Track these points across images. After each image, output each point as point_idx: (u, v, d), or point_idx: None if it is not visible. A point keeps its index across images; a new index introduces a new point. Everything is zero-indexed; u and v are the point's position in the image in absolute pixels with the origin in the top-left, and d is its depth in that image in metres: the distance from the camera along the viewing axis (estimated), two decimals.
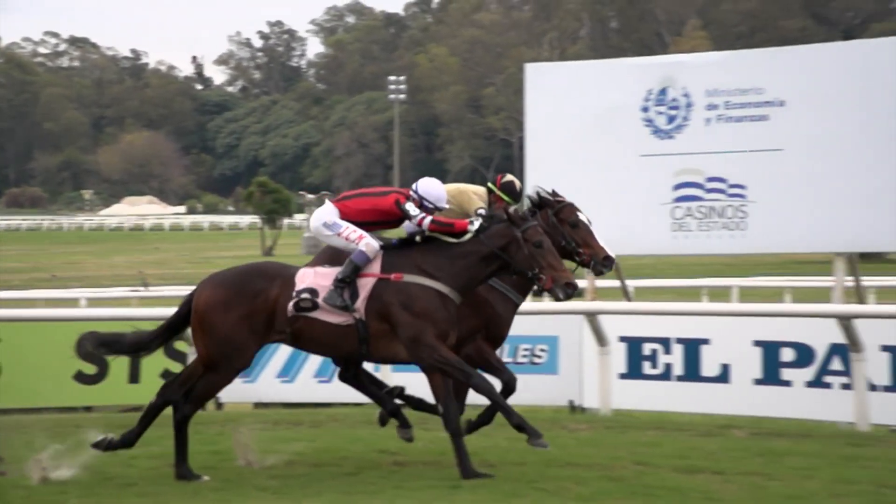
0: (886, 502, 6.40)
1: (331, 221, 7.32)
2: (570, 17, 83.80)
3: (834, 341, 9.37)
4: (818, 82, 10.64)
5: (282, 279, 7.14)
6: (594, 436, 8.64)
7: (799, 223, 10.66)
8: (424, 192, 7.37)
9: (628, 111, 11.27)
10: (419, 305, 6.99)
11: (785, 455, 7.70)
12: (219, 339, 7.04)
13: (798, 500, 6.40)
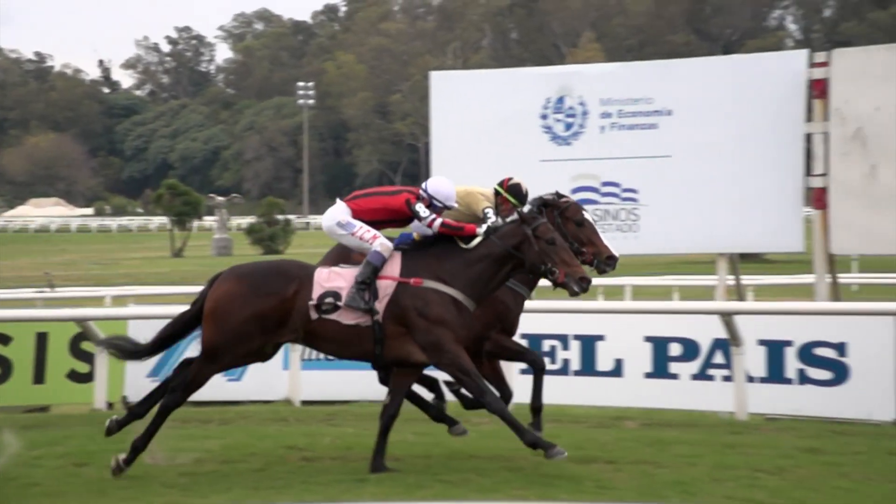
0: (761, 486, 6.55)
1: (344, 221, 7.18)
2: (473, 28, 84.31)
3: (717, 336, 9.60)
4: (702, 93, 10.85)
5: (300, 280, 6.95)
6: (496, 429, 8.64)
7: (685, 225, 10.84)
8: (434, 191, 7.27)
9: (528, 118, 11.37)
10: (435, 312, 6.87)
11: (672, 444, 7.84)
12: (228, 331, 6.88)
13: (683, 485, 6.53)
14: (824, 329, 9.46)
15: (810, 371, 9.45)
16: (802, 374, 9.47)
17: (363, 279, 6.88)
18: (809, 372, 9.45)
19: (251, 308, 6.84)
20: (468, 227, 7.12)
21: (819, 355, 9.44)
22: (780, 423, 8.91)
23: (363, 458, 7.12)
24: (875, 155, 10.16)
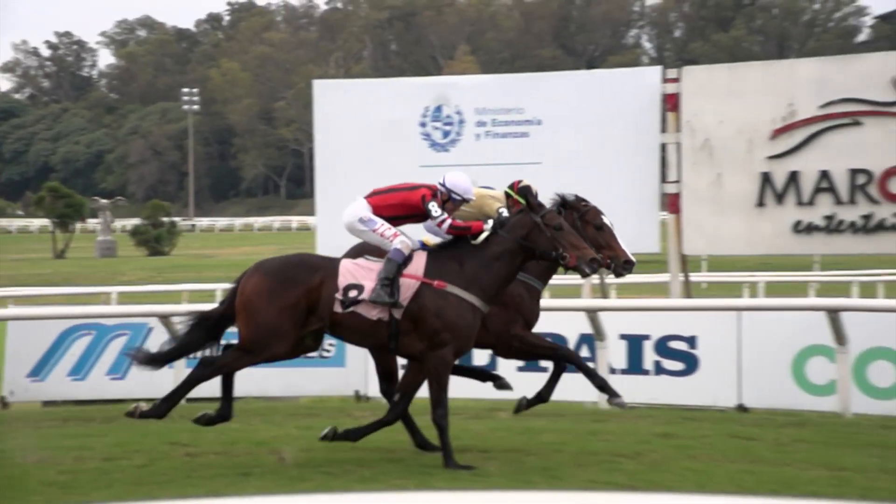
0: (621, 469, 6.72)
1: (366, 217, 7.07)
2: (354, 39, 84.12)
3: (583, 332, 9.80)
4: (568, 104, 11.06)
5: (325, 270, 6.90)
6: None
7: None
8: (452, 185, 7.18)
9: (408, 126, 11.44)
10: (450, 317, 6.82)
11: (540, 432, 7.98)
12: (260, 324, 6.80)
13: (549, 471, 6.67)
14: (678, 324, 9.75)
15: (665, 362, 9.75)
16: (658, 365, 9.77)
17: (386, 275, 6.80)
18: (664, 363, 9.75)
19: (280, 300, 6.77)
20: (475, 226, 7.05)
21: (673, 348, 9.76)
22: (639, 411, 9.15)
23: (247, 453, 7.07)
24: (720, 164, 10.54)
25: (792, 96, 10.27)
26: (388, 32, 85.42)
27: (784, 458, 6.98)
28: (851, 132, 10.04)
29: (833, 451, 7.13)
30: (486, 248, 6.95)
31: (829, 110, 10.13)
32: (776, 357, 9.42)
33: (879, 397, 9.01)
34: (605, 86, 11.26)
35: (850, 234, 10.07)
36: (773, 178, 10.33)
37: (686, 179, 10.68)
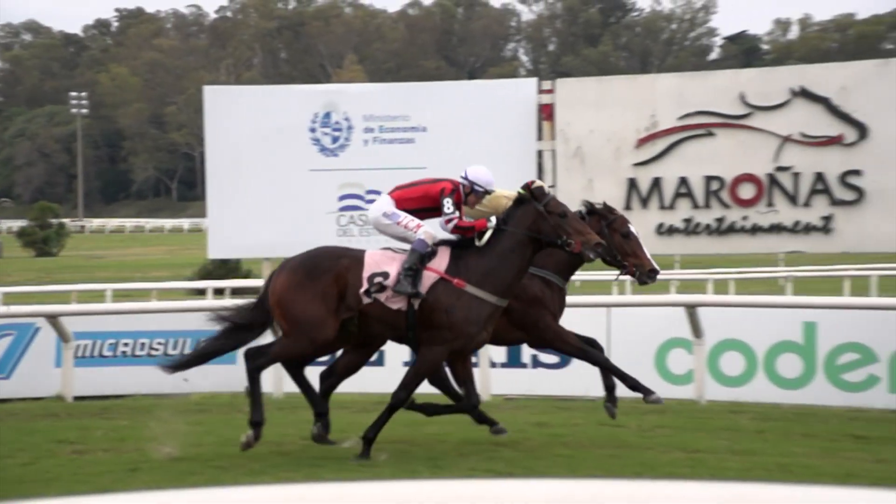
0: (499, 457, 6.78)
1: (390, 211, 6.90)
2: (244, 47, 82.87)
3: None
4: (451, 112, 11.19)
5: (348, 258, 6.75)
6: (266, 417, 8.62)
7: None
8: (474, 177, 7.03)
9: (298, 131, 11.36)
10: (458, 317, 6.64)
11: (425, 424, 7.93)
12: (296, 316, 6.69)
13: (433, 460, 6.69)
14: None
15: (541, 356, 9.91)
16: (535, 359, 9.93)
17: (410, 265, 6.64)
18: (541, 357, 9.91)
19: (311, 289, 6.66)
20: (478, 223, 6.87)
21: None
22: (517, 402, 9.27)
23: (136, 450, 6.89)
24: (591, 170, 10.80)
25: (654, 108, 10.57)
26: (277, 41, 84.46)
27: (646, 442, 7.16)
28: (706, 142, 10.39)
29: (689, 435, 7.34)
30: (498, 244, 6.76)
31: (686, 122, 10.47)
32: (641, 349, 9.67)
33: (730, 385, 9.37)
34: (485, 95, 11.41)
35: (706, 236, 10.41)
36: (639, 184, 10.62)
37: (561, 184, 10.90)
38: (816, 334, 9.24)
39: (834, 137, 9.97)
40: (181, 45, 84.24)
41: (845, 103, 9.93)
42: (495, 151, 10.97)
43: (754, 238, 10.30)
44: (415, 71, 71.59)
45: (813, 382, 9.21)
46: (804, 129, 10.07)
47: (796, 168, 10.08)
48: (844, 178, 9.95)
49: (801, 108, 10.10)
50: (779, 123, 10.15)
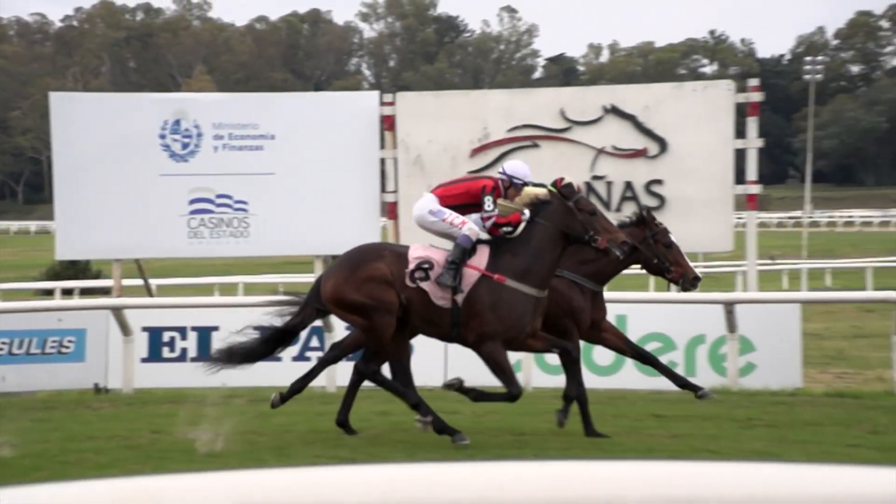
0: (344, 445, 6.73)
1: (435, 209, 6.69)
2: (91, 55, 79.36)
3: (314, 324, 9.83)
4: (298, 122, 11.01)
5: (389, 250, 6.63)
6: (116, 412, 8.29)
7: (289, 231, 10.93)
8: (513, 171, 6.85)
9: (148, 138, 10.97)
10: (505, 309, 6.45)
11: (273, 415, 7.83)
12: (360, 306, 6.51)
13: (280, 449, 6.59)
14: None
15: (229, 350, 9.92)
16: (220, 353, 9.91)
17: (453, 259, 6.43)
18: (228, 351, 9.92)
19: (358, 278, 6.49)
20: (512, 217, 6.71)
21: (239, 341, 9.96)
22: (362, 393, 9.25)
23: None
24: (431, 177, 10.84)
25: (486, 121, 10.75)
26: (125, 50, 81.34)
27: (479, 427, 7.26)
28: (532, 152, 10.64)
29: (517, 419, 7.48)
30: (533, 238, 6.62)
31: (514, 134, 10.69)
32: None
33: (553, 373, 9.62)
34: (330, 106, 11.35)
35: None
36: None
37: (402, 189, 10.92)
38: (627, 326, 9.64)
39: (640, 150, 10.38)
40: (25, 51, 79.93)
41: (648, 120, 10.37)
42: (341, 158, 10.91)
43: None
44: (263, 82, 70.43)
45: (623, 369, 9.60)
46: (615, 143, 10.44)
47: (609, 177, 10.43)
48: (649, 187, 10.38)
49: (613, 124, 10.47)
50: (594, 137, 10.48)
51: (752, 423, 7.14)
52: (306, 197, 10.92)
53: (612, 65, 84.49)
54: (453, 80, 78.20)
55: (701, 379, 9.17)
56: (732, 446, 6.37)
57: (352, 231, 10.94)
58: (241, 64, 79.78)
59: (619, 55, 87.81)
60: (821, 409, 7.66)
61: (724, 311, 9.05)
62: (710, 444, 6.41)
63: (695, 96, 10.36)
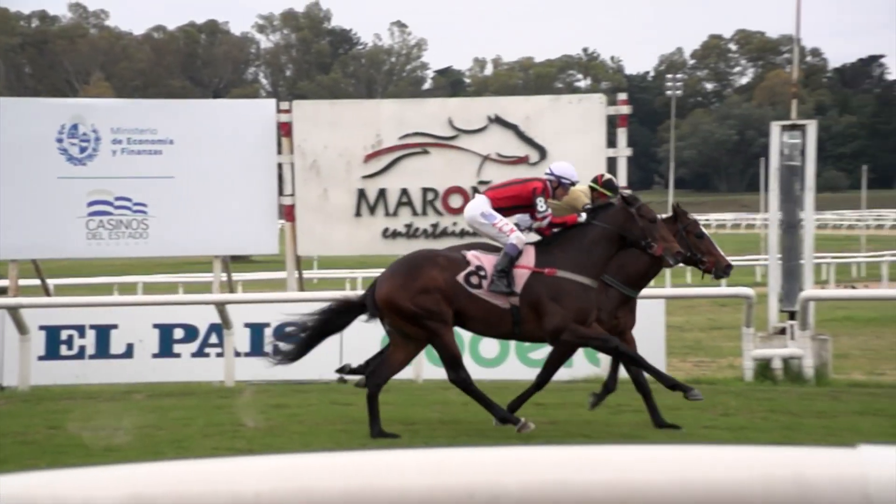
0: (241, 436, 6.60)
1: (487, 212, 6.56)
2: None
3: (213, 321, 9.65)
4: (197, 128, 10.75)
5: (444, 257, 6.45)
6: (12, 409, 7.93)
7: (187, 233, 10.67)
8: (561, 172, 6.78)
9: (45, 142, 10.51)
10: (566, 298, 6.33)
11: (171, 410, 7.69)
12: (413, 314, 6.35)
13: (178, 442, 6.46)
14: (293, 313, 9.89)
15: (282, 345, 9.81)
16: (276, 348, 9.82)
17: (502, 268, 6.33)
18: (282, 346, 9.80)
19: (413, 288, 6.33)
20: (569, 219, 6.64)
21: (289, 333, 9.83)
22: (259, 387, 9.13)
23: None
24: (326, 181, 10.80)
25: (378, 129, 10.72)
26: (20, 56, 77.80)
27: None
28: (422, 159, 10.68)
29: (408, 410, 7.51)
30: (585, 236, 6.53)
31: (406, 141, 10.70)
32: (370, 338, 9.77)
33: (442, 366, 9.68)
34: (229, 113, 11.12)
35: (424, 239, 10.69)
36: (367, 194, 10.73)
37: (299, 193, 10.80)
38: None
39: (522, 157, 10.52)
40: None
41: (529, 130, 10.52)
42: (240, 163, 10.69)
43: (463, 240, 10.67)
44: (161, 89, 68.45)
45: (507, 361, 9.73)
46: (499, 150, 10.56)
47: (494, 182, 10.56)
48: None
49: (497, 133, 10.58)
50: (479, 145, 10.58)
51: (621, 409, 7.31)
52: (205, 200, 10.70)
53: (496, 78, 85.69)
54: (348, 90, 77.85)
55: (577, 369, 9.43)
56: (604, 431, 6.53)
57: (250, 232, 10.79)
58: (139, 71, 77.46)
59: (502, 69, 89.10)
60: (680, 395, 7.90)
61: None
62: (584, 429, 6.55)
63: (570, 108, 10.57)
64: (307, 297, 10.45)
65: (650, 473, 1.10)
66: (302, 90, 73.37)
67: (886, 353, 11.89)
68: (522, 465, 1.15)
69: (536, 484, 1.13)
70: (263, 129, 10.76)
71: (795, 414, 6.76)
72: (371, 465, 1.19)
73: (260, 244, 10.98)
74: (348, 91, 77.07)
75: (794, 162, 9.70)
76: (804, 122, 9.94)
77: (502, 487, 1.13)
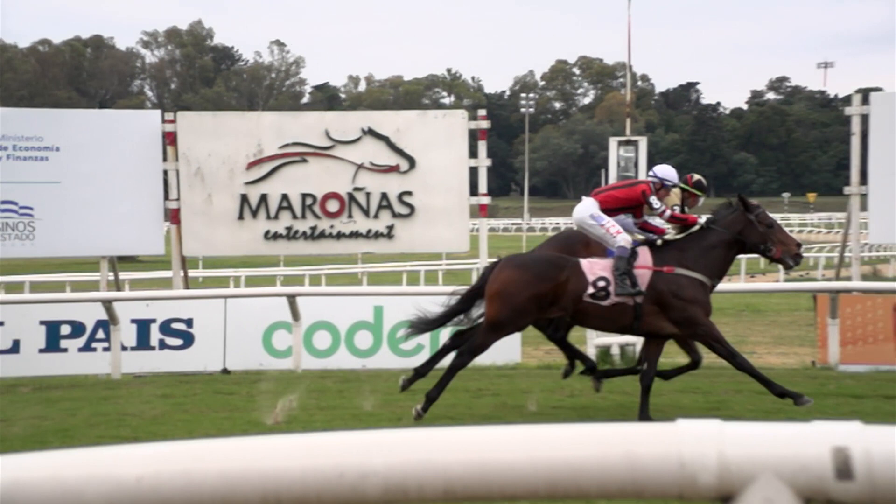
0: (126, 425, 6.37)
1: (596, 214, 6.34)
2: None
3: (99, 318, 9.29)
4: (84, 136, 10.29)
5: (570, 269, 6.14)
6: None
7: (75, 234, 10.22)
8: (664, 174, 6.62)
9: None
10: (688, 294, 6.13)
11: (58, 401, 7.35)
12: (512, 309, 6.09)
13: (64, 431, 6.19)
14: (178, 309, 9.61)
15: (168, 340, 9.57)
16: (162, 342, 9.56)
17: (623, 270, 6.11)
18: (167, 340, 9.57)
19: (532, 290, 6.07)
20: (690, 218, 6.42)
21: (174, 328, 9.60)
22: (145, 379, 8.80)
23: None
24: (210, 187, 10.53)
25: (260, 139, 10.53)
26: None
27: (252, 405, 7.07)
28: (301, 167, 10.55)
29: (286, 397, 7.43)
30: (702, 240, 6.29)
31: (286, 150, 10.55)
32: (252, 331, 9.65)
33: (320, 356, 9.64)
34: (115, 123, 10.66)
35: (303, 241, 10.59)
36: (250, 199, 10.54)
37: (184, 198, 10.48)
38: (384, 315, 9.79)
39: (393, 166, 10.54)
40: None
41: (399, 141, 10.55)
42: (126, 169, 10.28)
43: (339, 242, 10.63)
44: (48, 99, 64.83)
45: (380, 351, 9.73)
46: (373, 160, 10.54)
47: (368, 189, 10.52)
48: (401, 197, 10.57)
49: (370, 144, 10.56)
50: (354, 154, 10.53)
51: (481, 392, 7.43)
52: (91, 203, 10.25)
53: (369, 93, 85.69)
54: (230, 103, 76.06)
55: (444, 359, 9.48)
56: (466, 412, 6.61)
57: (136, 234, 10.41)
58: (24, 82, 73.11)
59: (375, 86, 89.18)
60: (534, 380, 8.10)
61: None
62: (449, 411, 6.61)
63: (436, 122, 10.67)
64: (191, 294, 10.17)
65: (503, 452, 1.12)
66: (187, 102, 71.14)
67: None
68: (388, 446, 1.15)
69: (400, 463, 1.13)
70: (149, 138, 10.40)
71: (630, 394, 7.02)
72: (247, 449, 1.16)
73: (146, 245, 10.61)
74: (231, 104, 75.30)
75: (629, 173, 10.11)
76: (637, 138, 10.37)
77: (370, 467, 1.13)
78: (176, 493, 1.14)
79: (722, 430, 1.12)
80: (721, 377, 7.77)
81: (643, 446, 1.10)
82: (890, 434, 1.09)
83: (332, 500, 1.12)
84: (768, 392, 6.12)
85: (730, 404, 6.49)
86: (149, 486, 1.14)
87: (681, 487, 1.10)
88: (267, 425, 6.27)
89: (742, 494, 1.08)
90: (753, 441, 1.10)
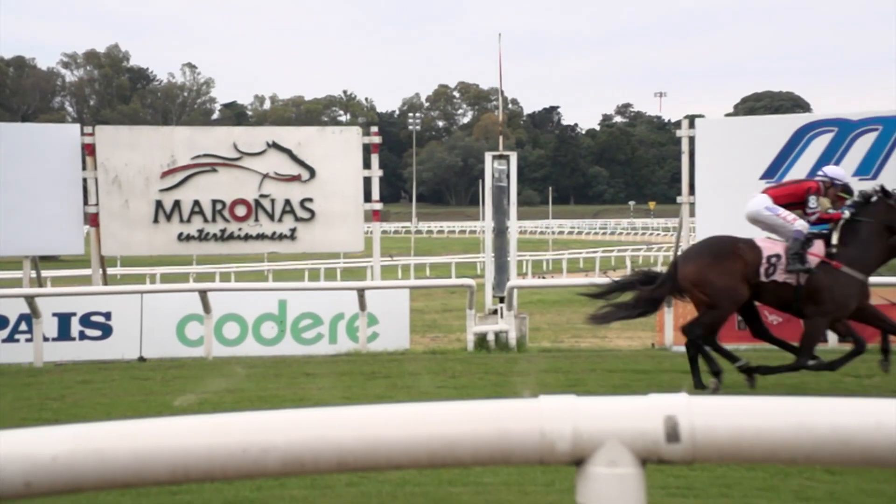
0: (48, 408, 6.00)
1: (771, 206, 6.05)
2: None
3: (23, 312, 8.79)
4: (7, 146, 9.66)
5: (742, 242, 5.88)
6: None
7: (1, 235, 9.57)
8: (834, 174, 6.21)
9: None
10: (840, 292, 5.82)
11: None
12: (717, 288, 5.85)
13: None
14: (98, 304, 9.22)
15: (88, 331, 9.19)
16: (82, 333, 9.16)
17: (796, 251, 5.84)
18: (87, 332, 9.20)
19: (721, 267, 5.82)
20: (834, 215, 6.02)
21: (94, 321, 9.23)
22: (65, 367, 8.32)
23: None
24: (127, 193, 10.13)
25: (173, 150, 10.20)
26: None
27: (167, 389, 6.81)
28: (212, 176, 10.27)
29: (199, 382, 7.14)
30: (862, 232, 5.90)
31: (197, 161, 10.25)
32: (166, 323, 9.33)
33: (230, 345, 9.40)
34: (38, 135, 10.15)
35: (214, 242, 10.31)
36: (164, 204, 10.18)
37: (103, 203, 10.01)
38: (287, 308, 9.62)
39: (295, 176, 10.37)
40: None
41: (301, 154, 10.39)
42: (47, 177, 9.70)
43: (247, 243, 10.38)
44: None
45: (284, 340, 9.56)
46: (277, 170, 10.34)
47: (273, 196, 10.32)
48: (303, 203, 10.41)
49: (274, 156, 10.35)
50: (260, 165, 10.31)
51: (375, 375, 7.39)
52: (14, 208, 9.64)
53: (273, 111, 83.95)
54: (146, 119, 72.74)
55: (341, 346, 9.43)
56: (361, 393, 6.56)
57: (57, 235, 9.90)
58: None
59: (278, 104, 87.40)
60: (421, 363, 8.12)
61: (358, 295, 9.33)
62: (346, 392, 6.54)
63: (334, 137, 10.57)
64: (110, 289, 9.75)
65: (390, 428, 1.12)
66: (105, 118, 67.53)
67: (564, 327, 12.92)
68: (288, 424, 1.12)
69: (299, 440, 1.11)
70: (69, 149, 9.91)
71: (503, 374, 7.15)
72: (157, 429, 1.12)
73: (66, 245, 10.08)
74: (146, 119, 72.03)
75: (502, 183, 10.32)
76: (508, 154, 10.58)
77: (271, 443, 1.11)
78: (89, 471, 1.10)
79: (576, 405, 1.15)
80: (579, 359, 8.01)
81: (510, 420, 1.13)
82: (709, 404, 1.15)
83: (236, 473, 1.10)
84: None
85: (585, 381, 6.71)
86: (64, 463, 1.09)
87: (541, 454, 1.13)
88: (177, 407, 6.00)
89: (592, 458, 1.12)
90: (602, 413, 1.14)
